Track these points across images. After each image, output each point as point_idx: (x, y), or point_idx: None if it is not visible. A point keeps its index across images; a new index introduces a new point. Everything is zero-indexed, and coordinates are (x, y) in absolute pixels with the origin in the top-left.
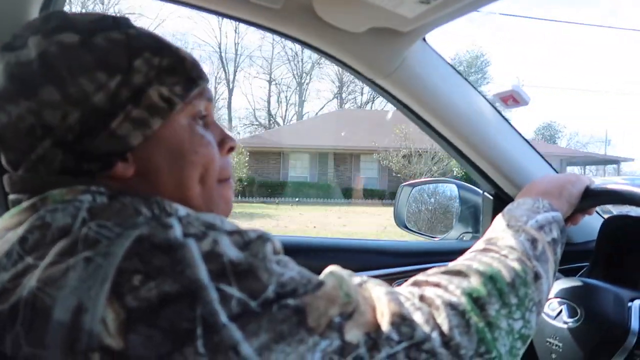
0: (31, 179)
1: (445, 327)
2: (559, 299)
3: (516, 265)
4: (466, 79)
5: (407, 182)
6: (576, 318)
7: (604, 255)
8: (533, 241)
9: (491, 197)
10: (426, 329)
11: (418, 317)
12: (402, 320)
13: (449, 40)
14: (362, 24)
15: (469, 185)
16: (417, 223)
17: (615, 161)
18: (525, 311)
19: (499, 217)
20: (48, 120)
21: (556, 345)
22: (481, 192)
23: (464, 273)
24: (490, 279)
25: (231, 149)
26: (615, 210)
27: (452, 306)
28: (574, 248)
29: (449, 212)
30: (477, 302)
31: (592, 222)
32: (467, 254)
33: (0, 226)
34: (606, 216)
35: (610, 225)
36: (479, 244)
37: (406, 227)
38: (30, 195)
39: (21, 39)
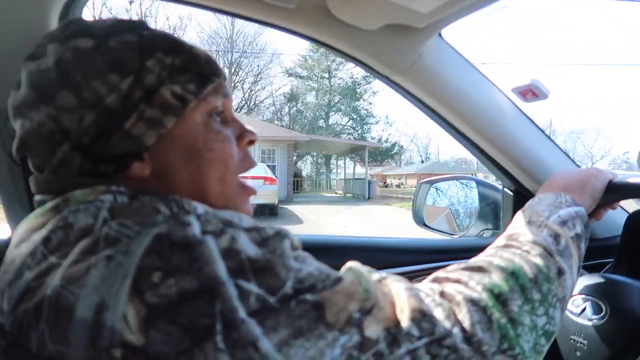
0: (55, 180)
1: (466, 323)
2: (583, 296)
3: (539, 260)
4: (483, 74)
5: (425, 179)
6: (601, 315)
7: (629, 251)
8: (556, 236)
9: (511, 193)
10: (447, 324)
11: (439, 313)
12: (422, 316)
13: None
14: (376, 21)
15: (488, 181)
16: (436, 220)
17: None
18: (549, 307)
19: (520, 213)
20: (66, 125)
21: (581, 343)
22: (501, 188)
23: (484, 269)
24: (512, 274)
25: (251, 142)
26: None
27: (473, 302)
28: (598, 244)
29: (468, 209)
30: (499, 298)
31: (617, 217)
32: (487, 250)
33: (26, 227)
34: (631, 211)
35: (635, 220)
36: (500, 240)
37: (425, 225)
38: (55, 195)
39: (42, 48)
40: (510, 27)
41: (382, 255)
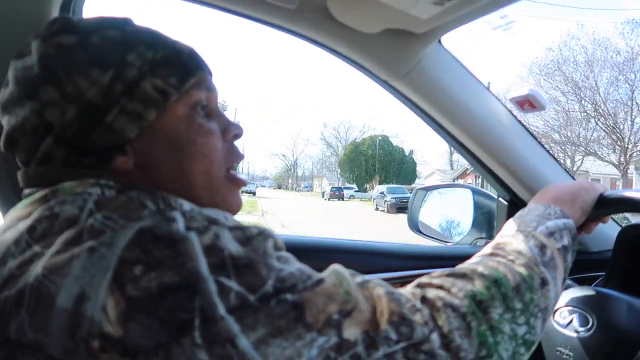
0: (43, 172)
1: (445, 329)
2: (570, 308)
3: (522, 270)
4: (482, 83)
5: (421, 186)
6: (588, 327)
7: (621, 265)
8: (542, 247)
9: (506, 203)
10: (426, 330)
11: (418, 318)
12: (401, 320)
13: None
14: (376, 25)
15: (483, 190)
16: (431, 227)
17: None
18: (530, 317)
19: (510, 222)
20: (49, 119)
21: (567, 355)
22: (496, 197)
23: (468, 276)
24: (495, 282)
25: (236, 136)
26: (634, 219)
27: (453, 308)
28: (591, 257)
29: (463, 217)
30: (480, 305)
31: (609, 231)
32: (474, 258)
33: (13, 216)
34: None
35: (628, 234)
36: (487, 248)
37: (419, 231)
38: (44, 188)
39: (28, 47)
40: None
41: (371, 259)
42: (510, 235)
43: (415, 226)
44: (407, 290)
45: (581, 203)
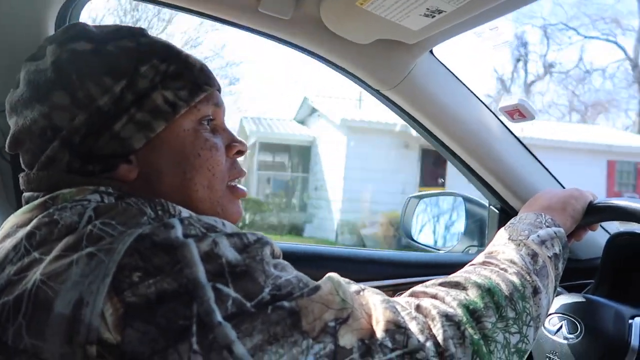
0: (45, 177)
1: (440, 338)
2: (559, 315)
3: (515, 279)
4: (473, 92)
5: (414, 194)
6: (576, 334)
7: (610, 272)
8: (533, 256)
9: (497, 211)
10: (421, 338)
11: (413, 327)
12: (396, 328)
13: None
14: (368, 36)
15: (475, 198)
16: (423, 235)
17: None
18: (523, 325)
19: (501, 231)
20: (57, 123)
21: None
22: (487, 205)
23: (461, 285)
24: (488, 292)
25: (239, 153)
26: (623, 227)
27: (447, 317)
28: (580, 265)
29: (455, 225)
30: (474, 314)
31: (599, 239)
32: (467, 267)
33: (13, 222)
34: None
35: (616, 242)
36: (480, 257)
37: (412, 239)
38: (45, 193)
39: (42, 50)
40: None
41: (365, 267)
42: (502, 244)
43: (407, 234)
44: (402, 299)
45: (571, 211)
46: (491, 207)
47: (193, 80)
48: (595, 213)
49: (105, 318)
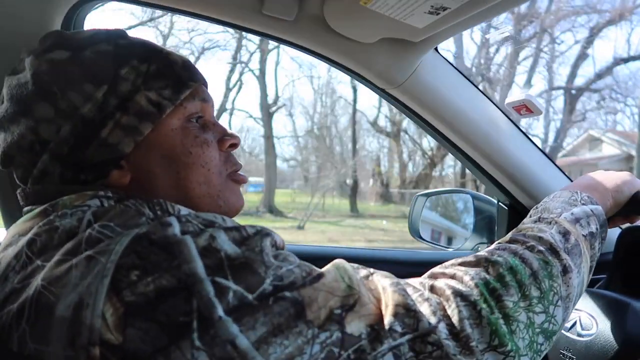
0: (42, 190)
1: (455, 319)
2: (573, 310)
3: (541, 256)
4: (480, 89)
5: (421, 192)
6: (590, 330)
7: (622, 267)
8: (565, 234)
9: (506, 208)
10: (432, 320)
11: (425, 309)
12: (406, 311)
13: None
14: (373, 35)
15: (484, 195)
16: (432, 233)
17: None
18: (549, 305)
19: (533, 210)
20: (44, 136)
21: (570, 358)
22: (496, 202)
23: (482, 264)
24: (510, 269)
25: (232, 146)
26: None
27: (463, 297)
28: None
29: (463, 222)
30: (494, 293)
31: (610, 233)
32: (493, 245)
33: (14, 232)
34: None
35: (628, 236)
36: (507, 236)
37: (420, 237)
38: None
39: (22, 62)
40: None
41: (372, 267)
42: (532, 221)
43: (416, 232)
44: (416, 280)
45: (614, 193)
46: (500, 203)
47: (176, 77)
48: (637, 204)
49: (106, 319)
